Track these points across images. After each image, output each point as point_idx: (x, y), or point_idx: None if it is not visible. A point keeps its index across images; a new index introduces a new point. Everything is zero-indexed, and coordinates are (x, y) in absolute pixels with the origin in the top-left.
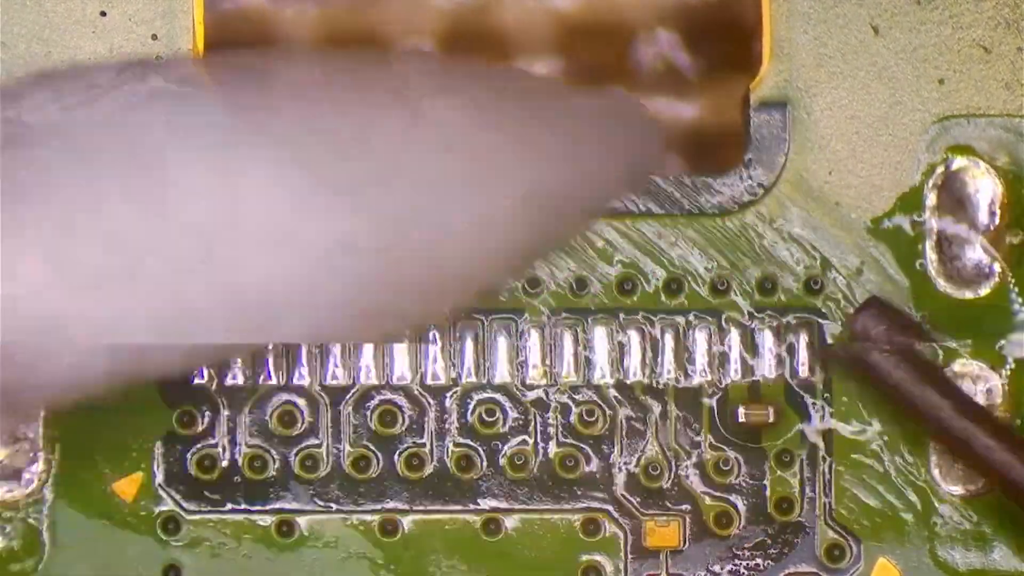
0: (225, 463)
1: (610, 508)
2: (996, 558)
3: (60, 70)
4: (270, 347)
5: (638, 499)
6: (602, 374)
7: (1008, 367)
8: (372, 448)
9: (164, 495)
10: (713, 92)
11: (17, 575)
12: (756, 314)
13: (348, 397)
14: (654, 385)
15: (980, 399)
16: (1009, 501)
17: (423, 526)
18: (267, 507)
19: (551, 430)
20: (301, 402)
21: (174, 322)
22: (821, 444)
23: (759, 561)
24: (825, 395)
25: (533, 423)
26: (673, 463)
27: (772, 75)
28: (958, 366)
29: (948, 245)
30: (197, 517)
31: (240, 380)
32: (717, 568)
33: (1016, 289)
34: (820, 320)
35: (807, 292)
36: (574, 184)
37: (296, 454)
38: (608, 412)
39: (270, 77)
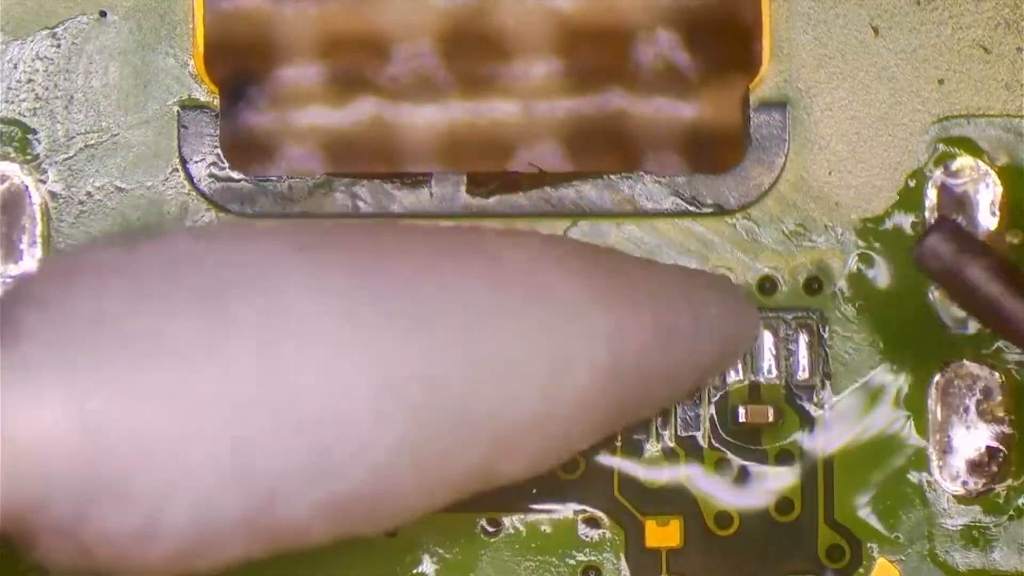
0: None
1: (610, 508)
2: (996, 558)
3: (158, 232)
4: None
5: (638, 499)
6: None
7: (1008, 367)
8: None
9: None
10: (713, 92)
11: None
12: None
13: None
14: None
15: (980, 396)
16: None
17: (422, 526)
18: None
19: None
20: None
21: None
22: (821, 444)
23: (759, 561)
24: (825, 395)
25: None
26: (672, 463)
27: (772, 75)
28: (959, 365)
29: None
30: None
31: None
32: (717, 568)
33: None
34: (820, 320)
35: (807, 292)
36: (661, 356)
37: None
38: None
39: (376, 244)
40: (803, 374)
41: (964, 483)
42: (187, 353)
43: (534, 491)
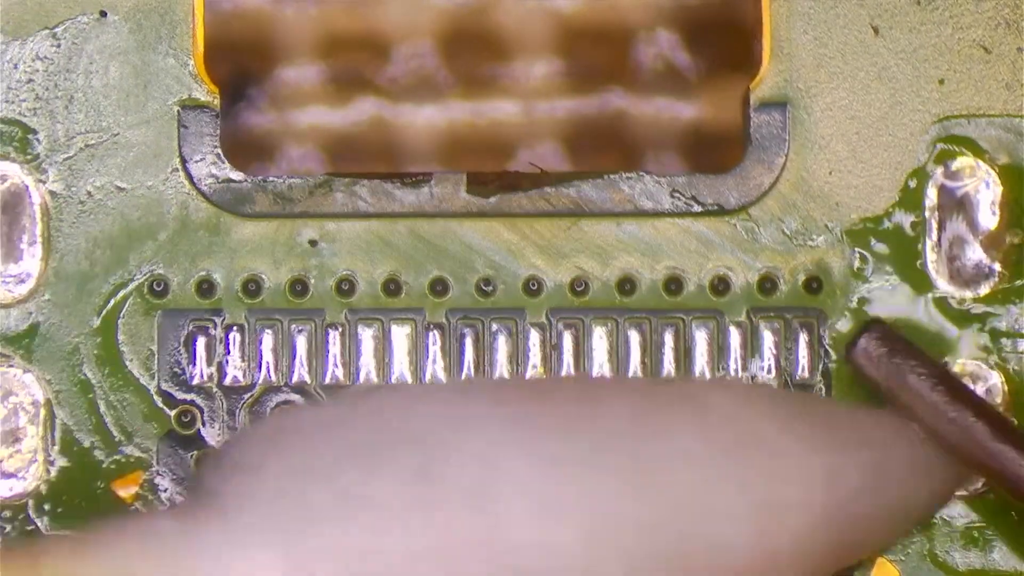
0: None
1: None
2: (996, 558)
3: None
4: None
5: None
6: (602, 374)
7: (1009, 367)
8: None
9: (163, 495)
10: (713, 92)
11: None
12: (756, 314)
13: None
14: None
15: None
16: None
17: None
18: None
19: None
20: (300, 401)
21: None
22: None
23: None
24: (825, 394)
25: None
26: None
27: (772, 75)
28: (957, 366)
29: (948, 245)
30: None
31: (240, 379)
32: None
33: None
34: (820, 320)
35: (807, 292)
36: (872, 498)
37: None
38: None
39: (577, 396)
40: (803, 374)
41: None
42: (398, 509)
43: None
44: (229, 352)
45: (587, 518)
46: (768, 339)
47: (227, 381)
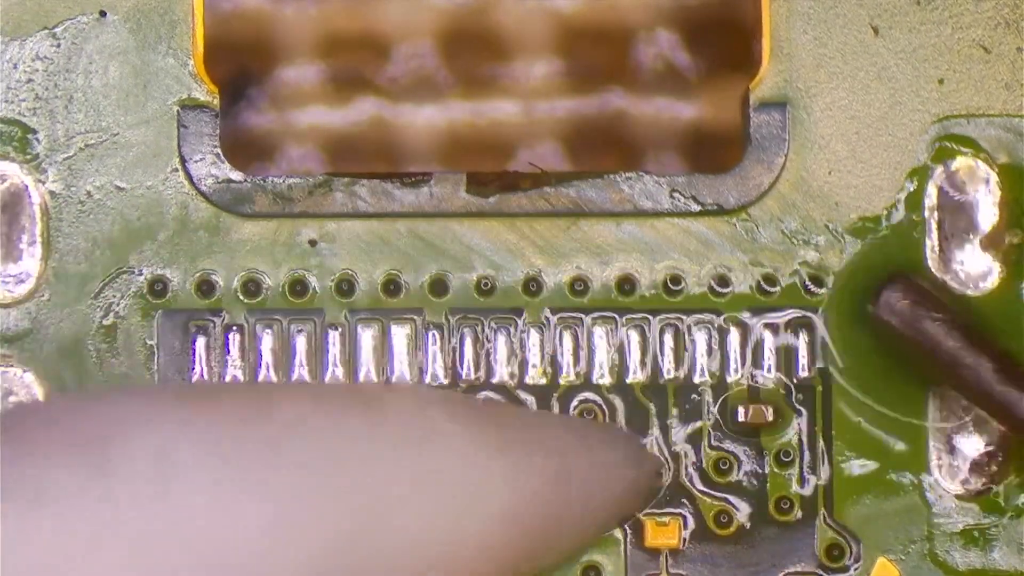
0: None
1: None
2: (996, 558)
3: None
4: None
5: None
6: (602, 373)
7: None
8: None
9: None
10: (713, 92)
11: None
12: (756, 314)
13: None
14: (653, 384)
15: None
16: None
17: None
18: None
19: None
20: None
21: None
22: (821, 443)
23: (759, 561)
24: (825, 394)
25: None
26: (673, 463)
27: (772, 75)
28: None
29: (948, 245)
30: None
31: (240, 379)
32: (717, 568)
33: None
34: (820, 320)
35: (807, 292)
36: (557, 499)
37: None
38: (607, 412)
39: (268, 410)
40: (803, 374)
41: (964, 483)
42: (71, 500)
43: None
44: (229, 352)
45: (262, 507)
46: (768, 339)
47: (227, 381)
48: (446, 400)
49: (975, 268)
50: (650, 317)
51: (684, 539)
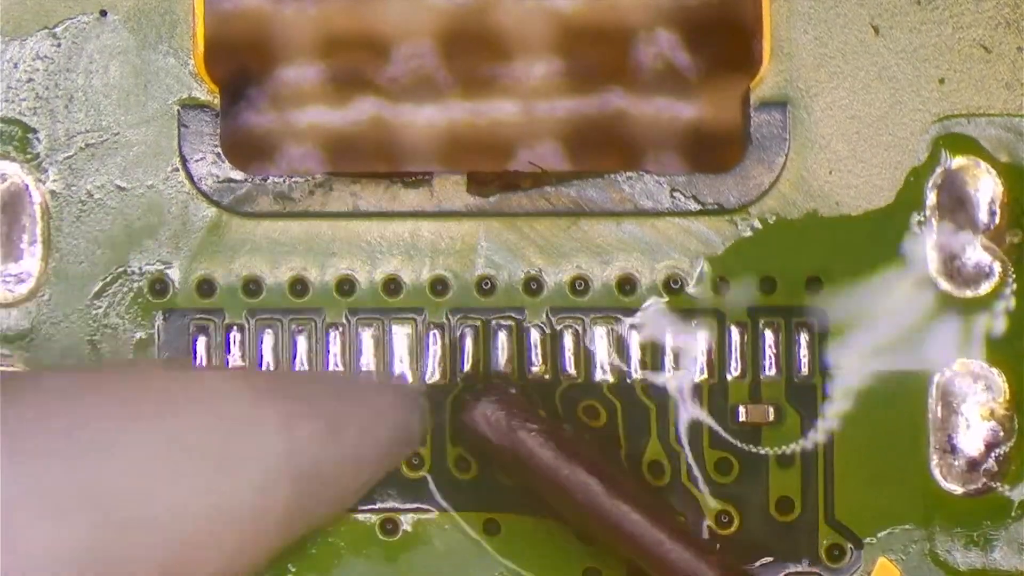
0: None
1: None
2: (996, 558)
3: None
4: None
5: None
6: (602, 373)
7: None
8: None
9: None
10: (713, 92)
11: None
12: (756, 314)
13: None
14: (654, 384)
15: (980, 396)
16: None
17: (418, 526)
18: None
19: None
20: None
21: None
22: (821, 443)
23: (759, 561)
24: (825, 394)
25: None
26: (673, 462)
27: (772, 75)
28: (959, 364)
29: (948, 245)
30: None
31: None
32: (717, 568)
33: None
34: (820, 320)
35: (807, 292)
36: (332, 451)
37: None
38: (608, 412)
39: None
40: (803, 373)
41: (964, 483)
42: None
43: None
44: (229, 352)
45: (38, 483)
46: (768, 339)
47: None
48: (219, 368)
49: (975, 268)
50: (650, 317)
51: None
